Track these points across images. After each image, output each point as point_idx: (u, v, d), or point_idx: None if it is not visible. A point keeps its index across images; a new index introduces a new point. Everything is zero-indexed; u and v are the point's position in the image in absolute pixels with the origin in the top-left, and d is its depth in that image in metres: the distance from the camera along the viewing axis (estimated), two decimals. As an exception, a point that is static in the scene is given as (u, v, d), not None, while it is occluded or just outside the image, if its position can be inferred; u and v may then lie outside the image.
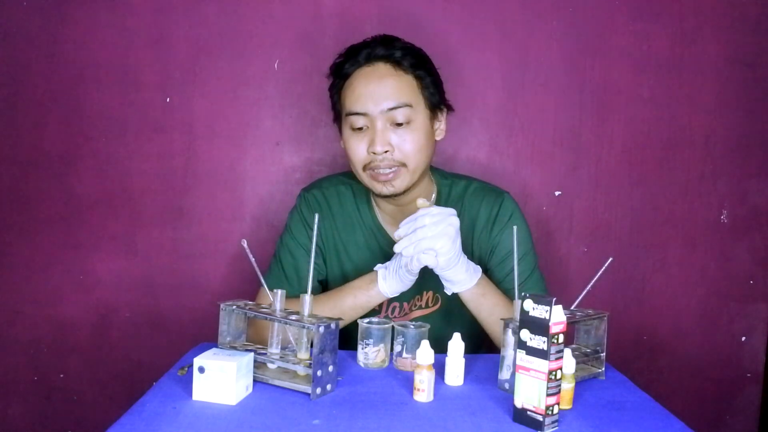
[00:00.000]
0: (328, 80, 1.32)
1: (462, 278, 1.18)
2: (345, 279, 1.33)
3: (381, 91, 1.21)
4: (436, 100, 1.28)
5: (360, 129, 1.23)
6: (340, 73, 1.27)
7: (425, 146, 1.24)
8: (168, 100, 1.64)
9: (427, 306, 1.35)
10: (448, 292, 1.22)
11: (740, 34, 1.68)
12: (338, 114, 1.30)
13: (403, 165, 1.22)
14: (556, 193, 1.71)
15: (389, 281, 1.20)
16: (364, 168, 1.24)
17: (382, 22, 1.63)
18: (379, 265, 1.23)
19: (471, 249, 1.33)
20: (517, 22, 1.66)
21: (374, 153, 1.21)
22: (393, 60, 1.24)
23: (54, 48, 1.62)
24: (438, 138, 1.31)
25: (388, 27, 1.60)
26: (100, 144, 1.65)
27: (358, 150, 1.23)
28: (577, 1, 1.66)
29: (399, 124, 1.21)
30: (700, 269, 1.74)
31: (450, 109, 1.33)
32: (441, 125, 1.31)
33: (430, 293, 1.34)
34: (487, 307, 1.22)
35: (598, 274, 1.07)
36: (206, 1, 1.62)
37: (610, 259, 1.09)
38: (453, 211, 1.16)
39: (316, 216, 1.09)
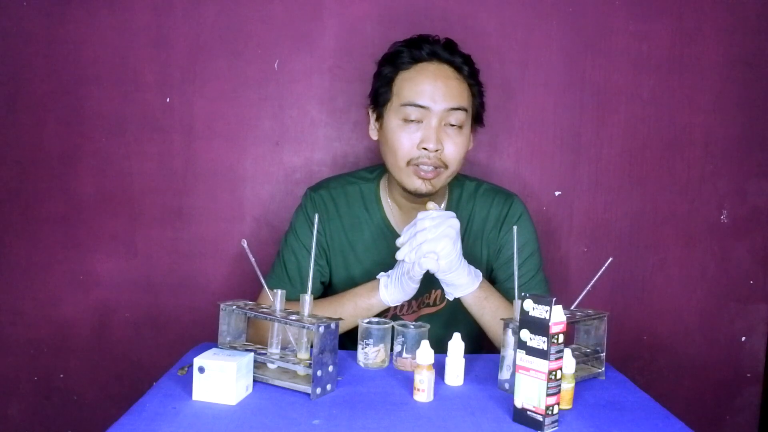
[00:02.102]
0: (373, 67, 1.31)
1: (464, 282, 1.18)
2: (352, 280, 1.33)
3: (446, 90, 1.22)
4: (478, 114, 1.31)
5: (412, 121, 1.22)
6: (396, 62, 1.26)
7: (464, 152, 1.26)
8: (168, 100, 1.64)
9: (434, 304, 1.35)
10: (450, 298, 1.22)
11: (740, 34, 1.69)
12: (380, 102, 1.27)
13: (445, 166, 1.23)
14: (556, 193, 1.71)
15: (391, 290, 1.19)
16: (408, 162, 1.23)
17: (382, 22, 1.63)
18: (381, 273, 1.23)
19: (480, 249, 1.33)
20: (517, 22, 1.66)
21: (425, 149, 1.20)
22: (455, 65, 1.26)
23: (54, 48, 1.62)
24: (468, 148, 1.32)
25: (387, 27, 1.61)
26: (100, 144, 1.65)
27: (407, 143, 1.22)
28: (577, 1, 1.66)
29: (452, 125, 1.22)
30: (700, 269, 1.74)
31: (481, 124, 1.35)
32: (473, 137, 1.33)
33: (438, 292, 1.34)
34: (490, 310, 1.22)
35: (598, 274, 1.07)
36: (206, 1, 1.62)
37: (610, 259, 1.09)
38: (452, 213, 1.16)
39: (316, 216, 1.10)
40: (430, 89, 1.21)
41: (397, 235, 1.32)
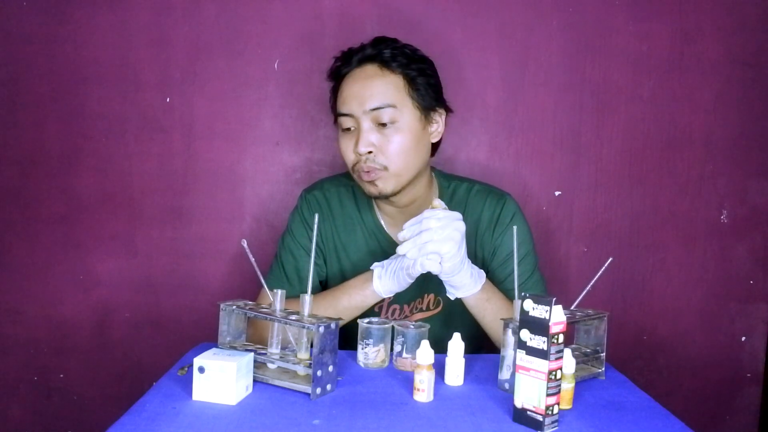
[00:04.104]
0: (329, 83, 1.32)
1: (466, 283, 1.18)
2: (344, 280, 1.33)
3: (365, 92, 1.21)
4: (428, 102, 1.25)
5: (348, 130, 1.24)
6: (336, 76, 1.29)
7: (412, 148, 1.22)
8: (168, 100, 1.64)
9: (428, 309, 1.35)
10: (452, 297, 1.21)
11: (740, 34, 1.69)
12: (334, 115, 1.31)
13: (384, 168, 1.21)
14: (556, 193, 1.71)
15: (384, 280, 1.19)
16: (353, 169, 1.25)
17: (381, 22, 1.63)
18: (375, 263, 1.22)
19: (474, 250, 1.33)
20: (517, 22, 1.66)
21: (358, 153, 1.21)
22: (381, 60, 1.23)
23: (54, 48, 1.62)
24: (433, 140, 1.28)
25: (387, 27, 1.61)
26: (100, 144, 1.65)
27: (347, 151, 1.24)
28: (577, 2, 1.66)
29: (383, 125, 1.21)
30: (700, 269, 1.74)
31: (448, 110, 1.31)
32: (438, 127, 1.28)
33: (431, 296, 1.33)
34: (492, 312, 1.22)
35: (598, 274, 1.07)
36: (206, 1, 1.62)
37: (610, 259, 1.09)
38: (459, 215, 1.14)
39: (316, 216, 1.09)
40: (350, 96, 1.22)
41: (388, 236, 1.33)
